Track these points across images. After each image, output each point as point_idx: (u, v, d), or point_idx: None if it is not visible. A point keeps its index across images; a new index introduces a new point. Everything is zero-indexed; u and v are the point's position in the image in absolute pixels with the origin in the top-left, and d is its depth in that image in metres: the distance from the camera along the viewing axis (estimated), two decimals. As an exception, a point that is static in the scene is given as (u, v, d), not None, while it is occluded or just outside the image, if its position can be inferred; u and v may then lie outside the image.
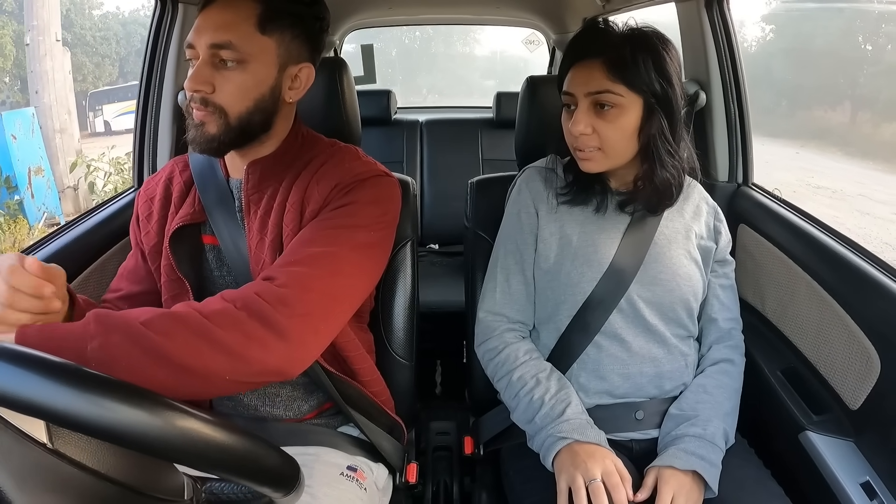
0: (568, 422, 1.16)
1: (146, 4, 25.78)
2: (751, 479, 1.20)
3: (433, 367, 2.63)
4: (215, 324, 0.88)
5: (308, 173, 1.14)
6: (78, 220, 1.54)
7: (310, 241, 1.04)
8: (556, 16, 3.12)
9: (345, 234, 1.06)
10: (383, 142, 3.08)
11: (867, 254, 1.30)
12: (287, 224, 1.11)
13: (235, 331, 0.88)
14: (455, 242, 2.92)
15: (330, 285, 1.00)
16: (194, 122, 1.07)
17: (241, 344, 0.88)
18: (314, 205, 1.10)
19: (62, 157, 8.83)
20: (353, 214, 1.08)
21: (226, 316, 0.89)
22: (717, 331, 1.33)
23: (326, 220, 1.07)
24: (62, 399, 0.55)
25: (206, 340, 0.86)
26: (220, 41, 1.03)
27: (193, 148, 1.09)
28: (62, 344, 0.80)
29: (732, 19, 1.68)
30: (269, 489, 0.68)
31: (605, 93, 1.17)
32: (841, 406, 1.27)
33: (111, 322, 0.83)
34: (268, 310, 0.92)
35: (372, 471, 1.26)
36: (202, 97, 1.05)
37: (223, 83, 1.05)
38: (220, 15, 1.04)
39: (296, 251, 1.03)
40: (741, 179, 1.74)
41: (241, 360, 0.88)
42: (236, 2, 1.05)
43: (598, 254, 1.26)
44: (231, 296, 0.93)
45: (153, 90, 1.77)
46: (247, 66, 1.05)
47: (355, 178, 1.12)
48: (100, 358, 0.79)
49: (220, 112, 1.06)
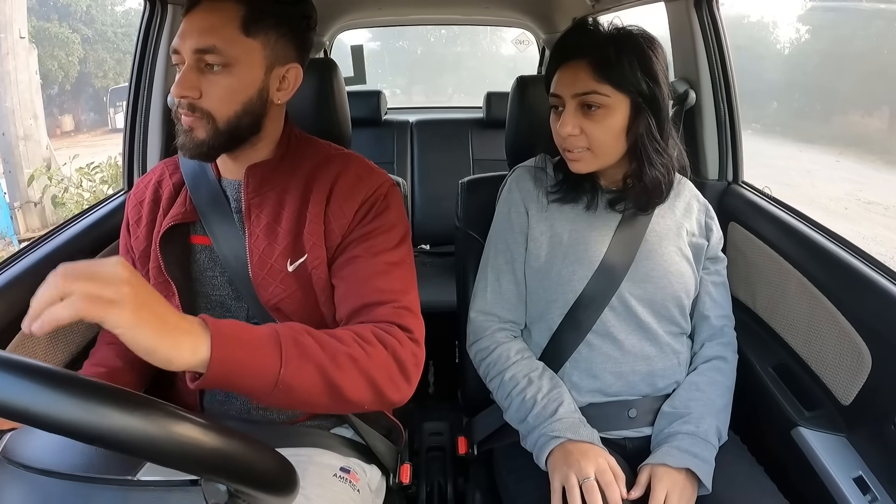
0: (561, 421, 1.16)
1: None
2: (744, 476, 1.20)
3: (425, 367, 2.62)
4: (374, 364, 0.94)
5: (322, 185, 1.14)
6: (67, 223, 1.53)
7: (395, 284, 1.08)
8: (546, 16, 3.13)
9: (408, 271, 1.14)
10: (373, 142, 3.07)
11: (857, 250, 1.31)
12: (311, 234, 1.11)
13: (386, 374, 0.96)
14: (446, 243, 2.91)
15: (420, 329, 1.08)
16: (183, 128, 1.07)
17: (387, 385, 0.96)
18: (342, 219, 1.12)
19: (26, 167, 8.06)
20: (391, 241, 1.13)
21: (381, 359, 0.96)
22: (710, 328, 1.33)
23: (385, 256, 1.11)
24: (53, 404, 0.54)
25: (367, 379, 0.92)
26: (205, 45, 1.02)
27: (184, 153, 1.09)
28: (260, 363, 0.81)
29: (721, 18, 1.68)
30: (264, 492, 0.67)
31: (591, 94, 1.18)
32: (833, 402, 1.28)
33: (305, 350, 0.86)
34: (408, 360, 1.00)
35: (365, 472, 1.26)
36: (189, 102, 1.04)
37: (209, 87, 1.04)
38: (204, 19, 1.03)
39: (395, 293, 1.07)
40: (731, 177, 1.75)
41: (382, 398, 0.96)
42: (219, 5, 1.04)
43: (588, 252, 1.26)
44: (382, 338, 0.98)
45: (142, 92, 1.76)
46: (233, 70, 1.04)
47: (376, 192, 1.14)
48: (288, 384, 0.82)
49: (208, 117, 1.05)
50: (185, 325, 0.74)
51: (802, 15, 22.77)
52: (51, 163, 8.33)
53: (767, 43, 23.80)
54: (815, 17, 21.91)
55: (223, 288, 1.17)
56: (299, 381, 0.83)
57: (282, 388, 0.81)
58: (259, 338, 0.82)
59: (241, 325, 0.81)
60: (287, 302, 1.12)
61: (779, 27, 23.57)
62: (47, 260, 1.35)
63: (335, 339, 0.91)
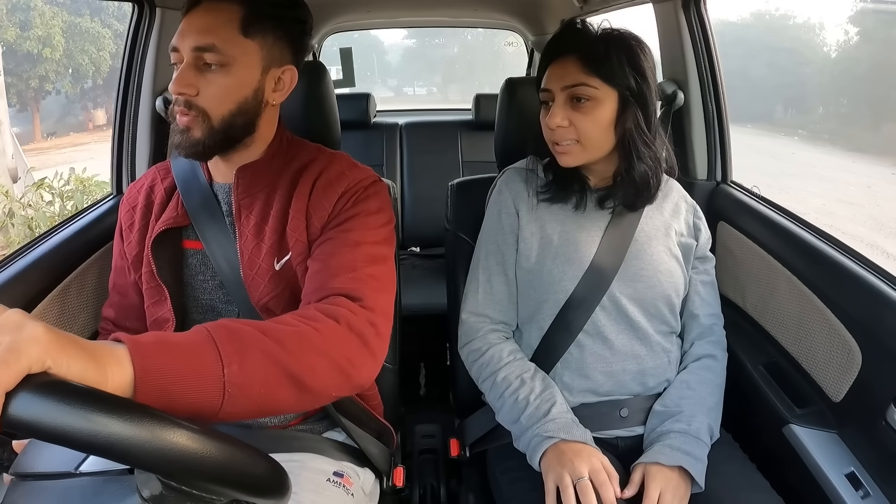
0: (553, 421, 1.16)
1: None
2: (737, 474, 1.21)
3: (417, 370, 2.63)
4: (328, 341, 0.88)
5: (306, 181, 1.14)
6: (55, 228, 1.52)
7: (354, 260, 1.05)
8: (534, 18, 3.13)
9: (375, 249, 1.09)
10: (363, 145, 3.07)
11: (845, 248, 1.32)
12: (293, 231, 1.11)
13: (345, 349, 0.90)
14: (436, 245, 2.91)
15: (386, 303, 1.04)
16: (179, 128, 1.07)
17: (349, 362, 0.90)
18: (321, 212, 1.11)
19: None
20: (368, 226, 1.10)
21: (334, 334, 0.90)
22: (699, 327, 1.34)
23: (352, 235, 1.08)
24: (43, 412, 0.53)
25: (326, 359, 0.87)
26: (204, 44, 1.03)
27: (179, 152, 1.09)
28: (196, 367, 0.71)
29: (710, 19, 1.69)
30: (256, 497, 0.67)
31: (580, 86, 1.19)
32: (823, 399, 1.29)
33: (244, 342, 0.78)
34: (364, 329, 0.94)
35: (358, 476, 1.26)
36: (186, 100, 1.05)
37: (206, 86, 1.05)
38: (204, 18, 1.05)
39: (350, 267, 1.03)
40: (720, 177, 1.76)
41: (348, 378, 0.91)
42: (219, 6, 1.05)
43: (578, 252, 1.27)
44: (330, 312, 0.93)
45: (131, 95, 1.74)
46: (230, 69, 1.05)
47: (358, 185, 1.14)
48: (237, 383, 0.73)
49: (204, 115, 1.06)
50: (102, 345, 0.66)
51: (852, 16, 22.22)
52: (16, 174, 7.44)
53: (814, 45, 23.43)
54: (866, 19, 21.34)
55: (214, 292, 1.17)
56: (251, 377, 0.75)
57: (233, 391, 0.73)
58: (187, 341, 0.74)
59: (163, 334, 0.75)
60: (276, 301, 1.12)
61: (826, 29, 23.16)
62: (34, 267, 1.34)
63: (279, 324, 0.85)
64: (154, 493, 0.61)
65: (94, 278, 1.45)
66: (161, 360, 0.68)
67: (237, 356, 0.75)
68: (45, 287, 1.33)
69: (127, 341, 0.67)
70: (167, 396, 0.67)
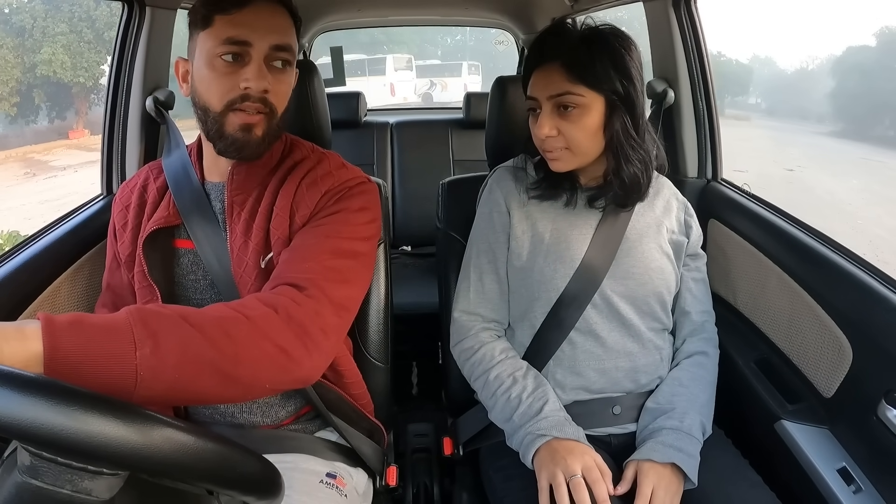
0: (546, 419, 1.16)
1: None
2: (729, 470, 1.21)
3: (409, 369, 2.63)
4: (264, 332, 0.86)
5: (294, 179, 1.14)
6: (46, 229, 1.51)
7: (317, 251, 1.04)
8: (525, 16, 3.13)
9: (346, 244, 1.07)
10: (353, 144, 3.06)
11: (836, 245, 1.32)
12: (276, 228, 1.11)
13: (281, 339, 0.88)
14: (427, 244, 2.91)
15: (344, 296, 1.02)
16: (239, 125, 1.06)
17: (285, 353, 0.88)
18: (304, 210, 1.11)
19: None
20: (347, 222, 1.09)
21: (273, 323, 0.88)
22: (691, 324, 1.34)
23: (324, 229, 1.08)
24: (29, 412, 0.52)
25: (258, 349, 0.85)
26: (284, 43, 1.05)
27: (237, 154, 1.09)
28: (108, 348, 0.72)
29: (700, 18, 1.70)
30: (249, 497, 0.67)
31: (566, 95, 1.18)
32: (815, 394, 1.29)
33: (161, 327, 0.77)
34: (307, 320, 0.92)
35: (351, 476, 1.25)
36: (263, 97, 1.05)
37: (277, 84, 1.06)
38: (278, 18, 1.06)
39: (310, 258, 1.02)
40: (710, 175, 1.77)
41: (283, 370, 0.88)
42: (280, 8, 1.07)
43: (570, 250, 1.27)
44: (269, 300, 0.91)
45: (121, 95, 1.73)
46: (291, 70, 1.10)
47: (344, 184, 1.13)
48: (152, 367, 0.73)
49: (272, 113, 1.07)
50: (11, 323, 0.69)
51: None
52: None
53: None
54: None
55: (205, 291, 1.17)
56: (164, 361, 0.74)
57: (145, 373, 0.72)
58: (105, 323, 0.74)
59: (82, 315, 0.74)
60: None
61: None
62: (25, 267, 1.33)
63: (206, 311, 0.84)
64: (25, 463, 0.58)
65: (85, 279, 1.43)
66: (72, 340, 0.69)
67: (150, 340, 0.74)
68: (36, 288, 1.31)
69: (42, 319, 0.69)
70: (78, 375, 0.68)
